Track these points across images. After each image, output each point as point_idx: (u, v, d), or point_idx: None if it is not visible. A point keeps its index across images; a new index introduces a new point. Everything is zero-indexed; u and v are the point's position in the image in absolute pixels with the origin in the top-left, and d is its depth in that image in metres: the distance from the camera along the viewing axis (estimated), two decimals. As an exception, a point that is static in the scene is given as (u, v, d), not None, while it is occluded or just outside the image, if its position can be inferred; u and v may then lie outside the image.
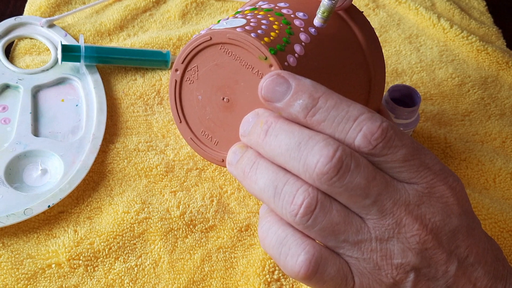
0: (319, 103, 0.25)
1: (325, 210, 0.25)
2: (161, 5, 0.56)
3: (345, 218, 0.25)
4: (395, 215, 0.25)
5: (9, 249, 0.37)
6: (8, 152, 0.41)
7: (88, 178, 0.41)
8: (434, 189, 0.25)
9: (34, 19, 0.51)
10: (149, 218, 0.39)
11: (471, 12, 0.60)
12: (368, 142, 0.24)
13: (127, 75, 0.49)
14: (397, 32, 0.56)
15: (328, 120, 0.25)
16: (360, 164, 0.24)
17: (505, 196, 0.44)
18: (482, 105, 0.50)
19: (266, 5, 0.33)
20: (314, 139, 0.24)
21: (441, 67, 0.53)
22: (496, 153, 0.46)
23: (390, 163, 0.25)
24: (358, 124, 0.24)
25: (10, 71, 0.46)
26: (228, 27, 0.29)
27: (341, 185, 0.24)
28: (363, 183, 0.24)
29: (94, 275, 0.37)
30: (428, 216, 0.25)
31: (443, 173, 0.26)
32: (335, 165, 0.24)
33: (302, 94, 0.25)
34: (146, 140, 0.44)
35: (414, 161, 0.25)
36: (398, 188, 0.25)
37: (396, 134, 0.24)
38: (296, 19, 0.32)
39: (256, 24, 0.30)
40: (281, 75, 0.26)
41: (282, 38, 0.29)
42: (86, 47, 0.47)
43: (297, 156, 0.25)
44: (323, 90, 0.25)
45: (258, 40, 0.28)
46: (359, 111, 0.24)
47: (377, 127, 0.24)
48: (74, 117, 0.45)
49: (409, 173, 0.25)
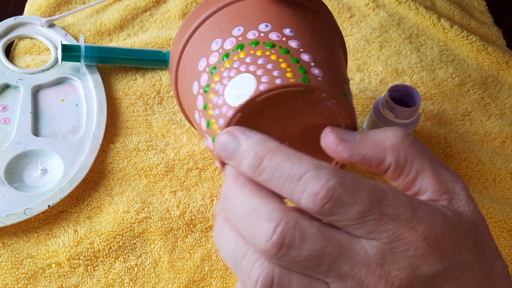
0: (264, 163, 0.24)
1: (283, 285, 0.23)
2: (161, 4, 0.56)
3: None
4: (355, 278, 0.23)
5: (9, 249, 0.37)
6: (8, 152, 0.41)
7: (88, 177, 0.41)
8: (397, 243, 0.23)
9: (34, 19, 0.51)
10: (149, 218, 0.39)
11: (471, 12, 0.60)
12: (313, 203, 0.23)
13: (127, 75, 0.49)
14: (397, 32, 0.56)
15: (273, 180, 0.24)
16: (305, 236, 0.23)
17: (505, 195, 0.44)
18: (482, 105, 0.50)
19: (251, 34, 0.31)
20: (259, 212, 0.23)
21: (441, 67, 0.53)
22: (496, 153, 0.46)
23: (343, 221, 0.23)
24: (302, 185, 0.23)
25: (10, 71, 0.46)
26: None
27: (288, 259, 0.23)
28: (312, 255, 0.23)
29: (94, 274, 0.37)
30: (394, 273, 0.23)
31: (412, 221, 0.23)
32: (276, 242, 0.22)
33: (249, 153, 0.24)
34: (146, 139, 0.44)
35: (372, 216, 0.23)
36: (356, 250, 0.23)
37: (347, 190, 0.23)
38: (288, 42, 0.31)
39: (267, 68, 0.29)
40: (231, 133, 0.25)
41: (298, 70, 0.29)
42: (86, 47, 0.47)
43: (247, 227, 0.24)
44: (270, 147, 0.24)
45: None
46: (303, 170, 0.23)
47: (321, 187, 0.22)
48: (74, 117, 0.45)
49: (367, 229, 0.23)
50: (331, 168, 0.23)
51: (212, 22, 0.33)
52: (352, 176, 0.24)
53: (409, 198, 0.24)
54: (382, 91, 0.49)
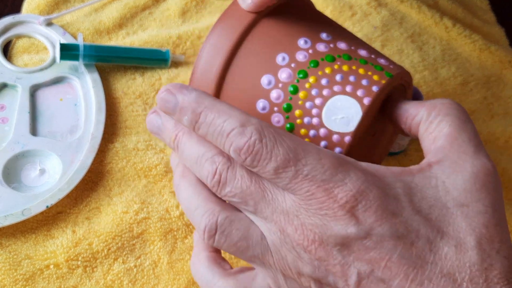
0: (201, 119, 0.27)
1: (224, 232, 0.27)
2: (160, 3, 0.55)
3: (245, 233, 0.27)
4: (276, 222, 0.26)
5: (7, 250, 0.37)
6: (6, 151, 0.41)
7: (87, 178, 0.41)
8: (310, 201, 0.25)
9: (32, 17, 0.50)
10: (148, 219, 0.39)
11: (474, 10, 0.59)
12: (238, 156, 0.26)
13: (126, 74, 0.48)
14: (399, 30, 0.55)
15: (208, 135, 0.27)
16: (234, 176, 0.27)
17: (508, 196, 0.43)
18: (485, 104, 0.50)
19: (323, 47, 0.31)
20: (205, 156, 0.28)
21: (444, 66, 0.52)
22: (500, 152, 0.46)
23: (264, 174, 0.26)
24: (229, 139, 0.26)
25: (8, 70, 0.46)
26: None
27: (224, 195, 0.27)
28: (238, 192, 0.27)
29: (93, 276, 0.36)
30: (309, 227, 0.25)
31: (327, 183, 0.25)
32: (216, 179, 0.27)
33: (187, 110, 0.28)
34: (145, 139, 0.44)
35: (286, 173, 0.25)
36: (277, 197, 0.26)
37: (266, 146, 0.26)
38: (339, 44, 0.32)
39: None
40: (170, 91, 0.28)
41: (376, 69, 0.31)
42: (85, 45, 0.46)
43: (198, 170, 0.28)
44: (206, 104, 0.27)
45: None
46: (232, 126, 0.26)
47: (244, 143, 0.26)
48: (73, 116, 0.44)
49: (283, 184, 0.26)
50: (256, 125, 0.26)
51: (261, 34, 0.32)
52: (277, 134, 0.26)
53: (336, 162, 0.26)
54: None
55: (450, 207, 0.25)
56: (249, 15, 0.31)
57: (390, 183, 0.26)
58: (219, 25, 0.32)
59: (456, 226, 0.25)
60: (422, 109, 0.30)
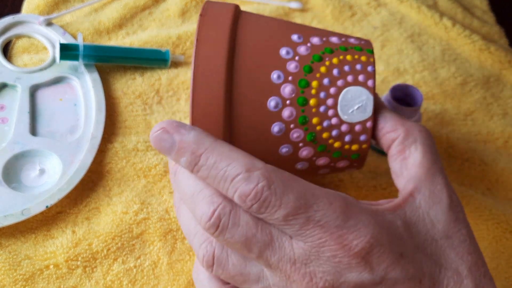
0: (201, 161, 0.25)
1: (221, 265, 0.26)
2: (160, 3, 0.55)
3: (242, 270, 0.26)
4: (282, 270, 0.25)
5: (6, 250, 0.37)
6: (6, 152, 0.41)
7: (87, 178, 0.41)
8: (322, 248, 0.24)
9: (32, 17, 0.50)
10: (148, 219, 0.39)
11: (473, 10, 0.59)
12: (244, 202, 0.25)
13: (126, 74, 0.48)
14: (399, 31, 0.55)
15: (209, 178, 0.26)
16: (237, 223, 0.25)
17: (508, 196, 0.43)
18: (484, 105, 0.50)
19: (336, 39, 0.32)
20: (202, 193, 0.26)
21: (444, 66, 0.52)
22: (499, 153, 0.46)
23: (271, 220, 0.25)
24: (234, 185, 0.25)
25: (8, 70, 0.46)
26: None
27: (223, 240, 0.25)
28: (242, 240, 0.25)
29: (93, 276, 0.36)
30: (319, 274, 0.24)
31: (340, 229, 0.24)
32: (214, 223, 0.25)
33: (185, 151, 0.26)
34: (145, 139, 0.44)
35: (297, 220, 0.24)
36: (284, 245, 0.25)
37: (274, 193, 0.24)
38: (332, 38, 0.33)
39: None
40: (165, 130, 0.26)
41: (355, 49, 0.32)
42: (85, 45, 0.46)
43: (192, 207, 0.26)
44: (206, 145, 0.26)
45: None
46: (237, 171, 0.25)
47: (251, 190, 0.24)
48: (73, 116, 0.44)
49: (293, 231, 0.25)
50: (263, 170, 0.24)
51: (260, 28, 0.31)
52: (285, 179, 0.25)
53: (346, 206, 0.25)
54: (384, 91, 0.49)
55: (438, 240, 0.26)
56: (229, 14, 0.31)
57: (392, 221, 0.26)
58: (203, 31, 0.30)
59: (446, 257, 0.26)
60: (401, 129, 0.31)
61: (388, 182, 0.42)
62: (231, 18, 0.30)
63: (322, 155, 0.31)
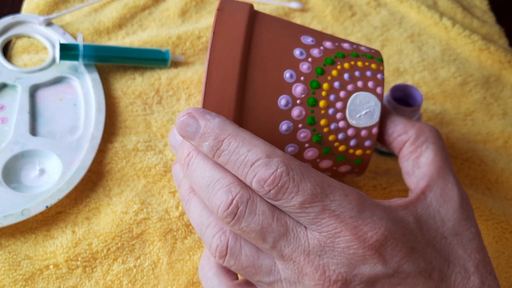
0: (223, 146, 0.26)
1: (234, 255, 0.27)
2: (160, 3, 0.55)
3: (255, 262, 0.26)
4: (295, 262, 0.25)
5: (6, 250, 0.37)
6: (6, 152, 0.41)
7: (86, 178, 0.41)
8: (337, 239, 0.24)
9: (32, 17, 0.50)
10: (148, 219, 0.39)
11: (473, 10, 0.59)
12: (262, 187, 0.25)
13: (126, 74, 0.48)
14: (398, 31, 0.55)
15: (230, 163, 0.26)
16: (254, 211, 0.25)
17: (507, 196, 0.43)
18: (484, 105, 0.50)
19: (348, 45, 0.33)
20: (220, 183, 0.26)
21: (443, 66, 0.52)
22: (499, 153, 0.46)
23: (287, 208, 0.25)
24: (253, 170, 0.25)
25: (8, 70, 0.46)
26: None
27: (239, 229, 0.26)
28: (258, 229, 0.25)
29: (93, 276, 0.36)
30: (332, 267, 0.24)
31: (356, 220, 0.24)
32: (232, 211, 0.25)
33: (209, 136, 0.26)
34: (145, 139, 0.44)
35: (313, 208, 0.24)
36: (299, 235, 0.25)
37: (293, 179, 0.24)
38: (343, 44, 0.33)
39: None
40: (191, 115, 0.27)
41: (366, 57, 0.33)
42: (85, 45, 0.46)
43: (208, 196, 0.26)
44: (230, 131, 0.26)
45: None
46: (257, 156, 0.25)
47: (270, 174, 0.25)
48: (72, 116, 0.44)
49: (308, 220, 0.25)
50: (282, 157, 0.25)
51: (273, 29, 0.32)
52: (303, 167, 0.25)
53: (360, 199, 0.25)
54: (384, 91, 0.49)
55: (447, 237, 0.27)
56: (244, 14, 0.31)
57: (404, 217, 0.27)
58: (220, 27, 0.30)
59: (454, 254, 0.27)
60: (411, 131, 0.31)
61: (388, 182, 0.42)
62: (248, 16, 0.31)
63: (326, 158, 0.31)
